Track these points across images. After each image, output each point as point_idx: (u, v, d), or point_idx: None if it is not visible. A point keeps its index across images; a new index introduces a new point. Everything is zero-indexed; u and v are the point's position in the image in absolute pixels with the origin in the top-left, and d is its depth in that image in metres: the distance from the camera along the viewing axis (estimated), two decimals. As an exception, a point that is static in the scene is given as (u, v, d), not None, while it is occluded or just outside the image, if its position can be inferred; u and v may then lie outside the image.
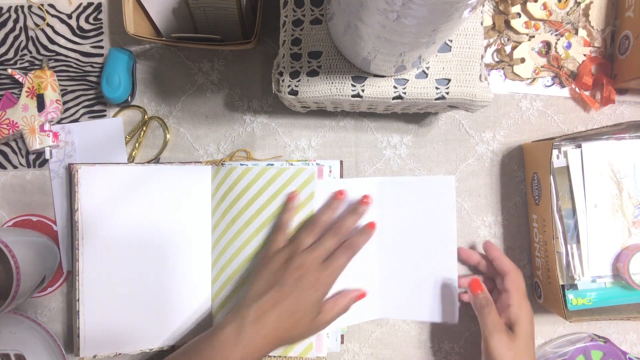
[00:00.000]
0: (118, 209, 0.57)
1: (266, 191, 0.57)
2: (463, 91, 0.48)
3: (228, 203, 0.58)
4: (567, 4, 0.60)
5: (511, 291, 0.52)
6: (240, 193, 0.57)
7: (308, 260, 0.50)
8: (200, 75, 0.62)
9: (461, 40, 0.48)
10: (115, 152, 0.60)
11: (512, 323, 0.51)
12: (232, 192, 0.58)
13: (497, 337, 0.50)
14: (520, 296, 0.52)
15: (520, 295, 0.52)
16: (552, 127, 0.61)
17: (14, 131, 0.58)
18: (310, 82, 0.48)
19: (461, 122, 0.61)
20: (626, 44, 0.57)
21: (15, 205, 0.61)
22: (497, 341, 0.49)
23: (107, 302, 0.56)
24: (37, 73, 0.59)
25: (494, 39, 0.61)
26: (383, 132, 0.61)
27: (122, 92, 0.59)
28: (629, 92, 0.61)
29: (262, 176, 0.57)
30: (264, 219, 0.56)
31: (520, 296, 0.52)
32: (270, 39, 0.61)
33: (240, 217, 0.57)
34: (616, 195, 0.54)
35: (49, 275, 0.57)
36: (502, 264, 0.54)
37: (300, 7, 0.49)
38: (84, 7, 0.62)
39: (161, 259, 0.57)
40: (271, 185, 0.56)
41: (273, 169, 0.57)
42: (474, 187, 0.61)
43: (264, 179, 0.57)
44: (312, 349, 0.55)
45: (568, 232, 0.54)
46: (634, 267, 0.52)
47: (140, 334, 0.57)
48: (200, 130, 0.62)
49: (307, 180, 0.56)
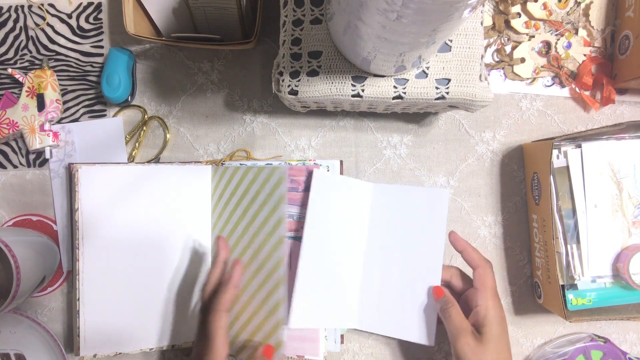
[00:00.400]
0: (118, 209, 0.57)
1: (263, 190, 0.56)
2: (463, 91, 0.48)
3: (229, 203, 0.58)
4: (567, 4, 0.60)
5: (479, 289, 0.48)
6: (242, 193, 0.57)
7: None
8: (200, 75, 0.62)
9: (461, 40, 0.48)
10: (115, 151, 0.60)
11: (479, 325, 0.47)
12: (233, 192, 0.58)
13: (463, 340, 0.46)
14: (487, 294, 0.48)
15: (487, 293, 0.48)
16: (552, 127, 0.61)
17: (14, 131, 0.58)
18: (310, 82, 0.48)
19: (461, 122, 0.61)
20: (626, 44, 0.57)
21: (15, 205, 0.61)
22: (464, 345, 0.46)
23: (107, 302, 0.56)
24: (37, 73, 0.59)
25: (494, 39, 0.61)
26: (383, 132, 0.61)
27: (122, 92, 0.59)
28: (629, 92, 0.61)
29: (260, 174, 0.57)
30: (263, 218, 0.56)
31: (487, 294, 0.48)
32: (270, 39, 0.61)
33: (241, 217, 0.57)
34: (616, 195, 0.54)
35: (49, 275, 0.57)
36: (470, 257, 0.50)
37: (300, 7, 0.49)
38: (84, 7, 0.62)
39: (161, 258, 0.57)
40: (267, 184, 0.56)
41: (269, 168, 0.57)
42: (474, 187, 0.61)
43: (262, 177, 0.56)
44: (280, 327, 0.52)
45: (568, 232, 0.54)
46: (634, 267, 0.52)
47: (140, 333, 0.57)
48: (200, 130, 0.62)
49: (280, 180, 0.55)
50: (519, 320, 0.61)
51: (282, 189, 0.54)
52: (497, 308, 0.48)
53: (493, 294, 0.48)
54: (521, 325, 0.61)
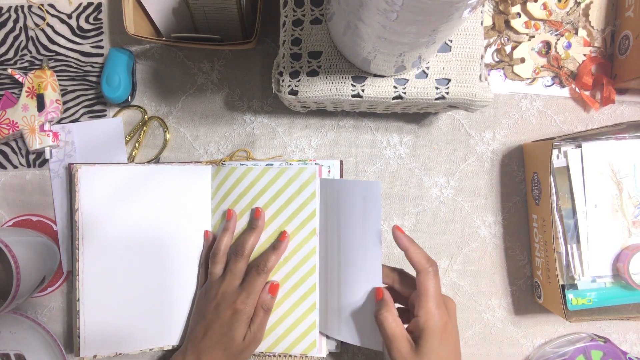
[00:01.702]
0: (118, 209, 0.57)
1: (268, 191, 0.56)
2: (463, 91, 0.48)
3: (229, 203, 0.58)
4: (567, 4, 0.60)
5: (420, 295, 0.43)
6: (242, 193, 0.57)
7: (222, 289, 0.52)
8: (200, 75, 0.62)
9: (461, 40, 0.48)
10: (115, 152, 0.60)
11: (417, 334, 0.43)
12: (233, 192, 0.58)
13: (395, 348, 0.42)
14: (429, 302, 0.42)
15: (428, 301, 0.43)
16: (552, 127, 0.61)
17: (14, 131, 0.58)
18: (310, 82, 0.48)
19: (461, 122, 0.61)
20: (626, 44, 0.57)
21: (15, 205, 0.61)
22: (395, 353, 0.42)
23: (107, 302, 0.56)
24: (37, 73, 0.59)
25: (494, 39, 0.61)
26: (383, 132, 0.61)
27: (122, 92, 0.59)
28: (629, 92, 0.61)
29: (264, 176, 0.57)
30: (265, 219, 0.56)
31: (429, 302, 0.42)
32: (270, 39, 0.61)
33: (241, 217, 0.57)
34: (616, 195, 0.54)
35: (49, 275, 0.57)
36: (413, 258, 0.45)
37: (300, 7, 0.49)
38: (84, 7, 0.62)
39: (161, 258, 0.57)
40: (272, 186, 0.56)
41: (274, 169, 0.57)
42: (474, 187, 0.61)
43: (265, 179, 0.57)
44: (315, 347, 0.55)
45: (568, 232, 0.54)
46: (634, 267, 0.52)
47: (141, 333, 0.57)
48: (200, 130, 0.62)
49: (308, 179, 0.56)
50: (519, 320, 0.61)
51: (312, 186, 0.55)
52: (439, 317, 0.42)
53: (436, 301, 0.43)
54: (521, 325, 0.61)
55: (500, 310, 0.61)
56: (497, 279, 0.61)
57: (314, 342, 0.55)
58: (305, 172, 0.56)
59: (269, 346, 0.56)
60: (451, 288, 0.61)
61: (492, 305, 0.61)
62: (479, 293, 0.61)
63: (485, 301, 0.61)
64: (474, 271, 0.61)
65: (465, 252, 0.61)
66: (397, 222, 0.61)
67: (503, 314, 0.61)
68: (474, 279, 0.61)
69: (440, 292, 0.44)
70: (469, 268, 0.61)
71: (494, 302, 0.61)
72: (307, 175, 0.56)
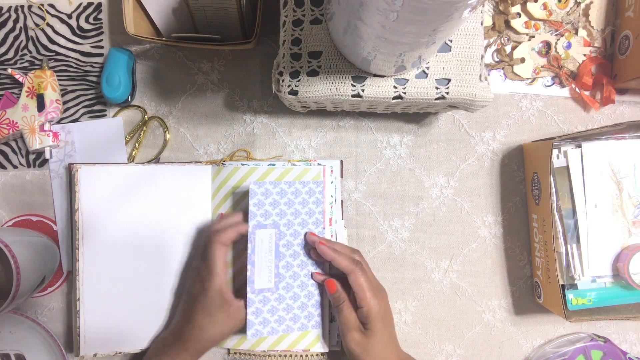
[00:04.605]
0: (118, 209, 0.57)
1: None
2: (463, 91, 0.48)
3: (231, 203, 0.58)
4: (567, 4, 0.60)
5: (356, 291, 0.51)
6: (245, 193, 0.57)
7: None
8: (200, 75, 0.62)
9: (461, 40, 0.48)
10: (115, 152, 0.60)
11: (364, 322, 0.51)
12: (235, 193, 0.58)
13: (350, 335, 0.50)
14: (364, 294, 0.50)
15: (364, 294, 0.50)
16: (552, 127, 0.61)
17: (14, 131, 0.58)
18: (310, 82, 0.48)
19: (461, 122, 0.61)
20: (626, 44, 0.57)
21: (15, 205, 0.61)
22: (350, 340, 0.50)
23: (107, 302, 0.56)
24: (37, 73, 0.59)
25: (494, 39, 0.61)
26: (383, 132, 0.61)
27: (122, 92, 0.59)
28: (629, 92, 0.61)
29: (267, 177, 0.57)
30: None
31: (364, 294, 0.50)
32: (270, 39, 0.61)
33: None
34: (616, 195, 0.54)
35: (49, 275, 0.57)
36: (339, 265, 0.51)
37: (300, 7, 0.49)
38: (84, 7, 0.62)
39: (161, 258, 0.57)
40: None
41: (277, 169, 0.57)
42: (474, 187, 0.61)
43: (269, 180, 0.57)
44: (318, 341, 0.56)
45: (568, 232, 0.54)
46: (634, 267, 0.52)
47: (140, 332, 0.57)
48: (200, 130, 0.62)
49: (313, 180, 0.56)
50: (519, 320, 0.61)
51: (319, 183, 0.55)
52: (378, 305, 0.51)
53: (371, 292, 0.51)
54: (521, 325, 0.61)
55: (501, 311, 0.61)
56: (497, 279, 0.61)
57: (318, 337, 0.56)
58: (310, 172, 0.56)
59: (271, 344, 0.56)
60: (451, 288, 0.61)
61: (492, 306, 0.61)
62: (479, 293, 0.61)
63: (485, 302, 0.61)
64: (474, 271, 0.61)
65: (465, 253, 0.61)
66: (397, 222, 0.61)
67: (503, 314, 0.61)
68: (474, 279, 0.61)
69: (371, 281, 0.52)
70: (469, 268, 0.61)
71: (494, 302, 0.61)
72: (312, 175, 0.56)
